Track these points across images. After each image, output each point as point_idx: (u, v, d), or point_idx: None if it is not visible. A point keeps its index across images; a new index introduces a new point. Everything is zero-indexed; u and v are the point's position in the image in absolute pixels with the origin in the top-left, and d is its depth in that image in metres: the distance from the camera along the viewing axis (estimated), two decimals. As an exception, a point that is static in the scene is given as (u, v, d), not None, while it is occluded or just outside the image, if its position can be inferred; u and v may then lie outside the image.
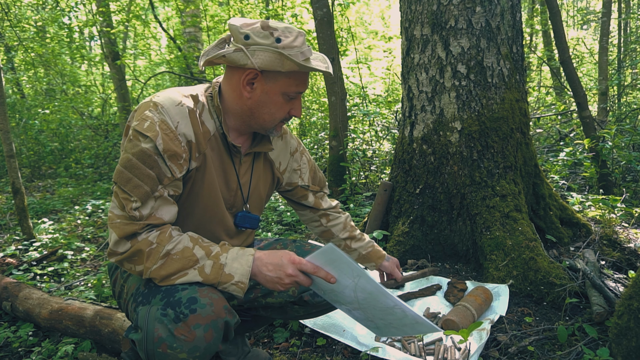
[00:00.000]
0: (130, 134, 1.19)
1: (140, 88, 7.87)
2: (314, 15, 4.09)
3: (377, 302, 1.19)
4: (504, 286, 2.12)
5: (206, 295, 1.13)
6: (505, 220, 2.36)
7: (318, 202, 1.68)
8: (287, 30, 1.20)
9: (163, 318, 1.10)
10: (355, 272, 1.13)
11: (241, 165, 1.39)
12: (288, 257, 1.19)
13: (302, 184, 1.60)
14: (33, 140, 7.40)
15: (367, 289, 1.17)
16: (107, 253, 1.20)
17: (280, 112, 1.30)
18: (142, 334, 1.11)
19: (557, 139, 5.61)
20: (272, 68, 1.19)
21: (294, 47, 1.19)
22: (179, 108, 1.23)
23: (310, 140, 5.85)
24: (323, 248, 1.12)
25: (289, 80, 1.25)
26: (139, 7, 8.55)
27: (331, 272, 1.16)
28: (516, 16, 2.57)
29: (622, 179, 3.95)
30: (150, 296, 1.18)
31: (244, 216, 1.43)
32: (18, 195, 3.33)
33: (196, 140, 1.25)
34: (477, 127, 2.48)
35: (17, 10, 8.81)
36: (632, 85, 7.63)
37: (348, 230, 1.73)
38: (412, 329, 1.25)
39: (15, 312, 2.19)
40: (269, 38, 1.18)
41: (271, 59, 1.19)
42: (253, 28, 1.20)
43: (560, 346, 1.75)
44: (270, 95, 1.26)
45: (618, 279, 2.15)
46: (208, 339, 1.10)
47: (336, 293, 1.23)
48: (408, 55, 2.68)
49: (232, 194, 1.39)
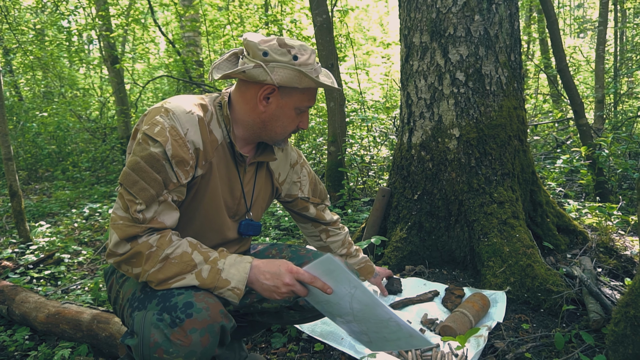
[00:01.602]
0: (140, 137, 1.21)
1: (139, 92, 7.87)
2: (313, 21, 4.11)
3: (372, 315, 1.20)
4: (502, 293, 2.12)
5: (202, 299, 1.13)
6: (503, 227, 2.37)
7: (320, 214, 1.74)
8: (302, 49, 1.26)
9: (159, 323, 1.10)
10: (352, 283, 1.14)
11: (245, 174, 1.42)
12: (286, 267, 1.20)
13: (302, 196, 1.65)
14: (30, 142, 7.38)
15: (363, 301, 1.17)
16: (106, 254, 1.20)
17: (292, 125, 1.36)
18: (138, 340, 1.11)
19: (554, 147, 5.64)
20: (291, 84, 1.25)
21: (309, 64, 1.26)
22: (189, 116, 1.25)
23: (308, 145, 5.86)
24: (321, 258, 1.13)
25: (303, 96, 1.31)
26: (138, 12, 8.56)
27: (328, 283, 1.17)
28: (514, 25, 2.60)
29: (619, 187, 3.98)
30: (146, 301, 1.18)
31: (248, 224, 1.46)
32: (15, 198, 3.32)
33: (204, 149, 1.27)
34: (475, 134, 2.50)
35: (17, 13, 8.81)
36: (628, 94, 7.69)
37: (346, 247, 1.84)
38: (407, 343, 1.25)
39: (11, 315, 2.18)
40: (287, 55, 1.24)
41: (290, 76, 1.24)
42: (271, 45, 1.24)
43: (557, 353, 1.75)
44: (284, 110, 1.32)
45: (614, 286, 2.16)
46: (204, 344, 1.10)
47: (331, 304, 1.24)
48: (407, 62, 2.70)
49: (235, 202, 1.42)
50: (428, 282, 2.35)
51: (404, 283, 2.35)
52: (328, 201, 1.77)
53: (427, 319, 2.01)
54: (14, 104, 8.58)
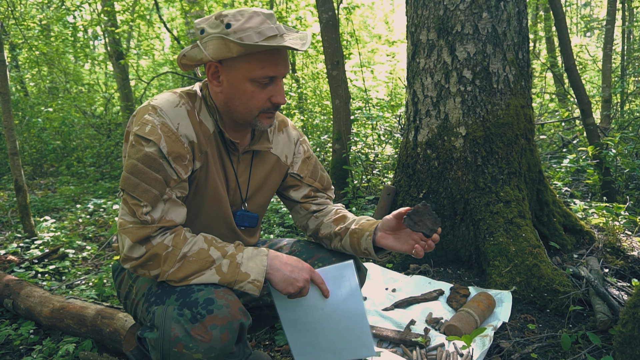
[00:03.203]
0: (132, 139, 1.18)
1: (144, 88, 7.88)
2: (319, 18, 4.09)
3: (345, 323, 1.30)
4: (507, 292, 2.11)
5: (222, 296, 1.13)
6: (509, 226, 2.35)
7: (313, 201, 1.52)
8: (238, 14, 1.15)
9: (180, 318, 1.10)
10: (354, 292, 1.27)
11: (239, 164, 1.38)
12: (305, 264, 1.26)
13: (292, 172, 1.50)
14: (35, 138, 7.41)
15: (351, 309, 1.28)
16: (121, 259, 1.19)
17: (254, 101, 1.22)
18: (158, 333, 1.11)
19: (560, 146, 5.60)
20: (223, 55, 1.15)
21: (247, 28, 1.13)
22: (178, 109, 1.22)
23: (312, 142, 5.85)
24: (341, 264, 1.28)
25: (250, 65, 1.17)
26: (143, 8, 8.57)
27: (329, 287, 1.27)
28: (522, 22, 2.57)
29: (625, 187, 3.95)
30: (164, 296, 1.18)
31: (243, 215, 1.42)
32: (20, 192, 3.33)
33: (198, 140, 1.25)
34: (481, 132, 2.48)
35: (23, 9, 8.83)
36: (635, 93, 7.63)
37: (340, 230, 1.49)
38: (351, 352, 1.35)
39: (16, 309, 2.18)
40: (220, 26, 1.15)
41: (218, 46, 1.14)
42: (208, 21, 1.18)
43: (563, 354, 1.74)
44: (236, 85, 1.20)
45: (622, 287, 2.15)
46: (224, 340, 1.10)
47: (306, 309, 1.30)
48: (414, 59, 2.68)
49: (231, 192, 1.38)
50: (433, 281, 2.34)
51: (408, 282, 2.34)
52: (332, 192, 1.58)
53: (432, 318, 2.00)
54: (19, 99, 8.61)
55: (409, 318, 1.99)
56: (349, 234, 1.41)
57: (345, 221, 1.46)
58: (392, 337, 1.82)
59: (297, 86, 7.86)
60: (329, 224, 1.48)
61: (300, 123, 7.07)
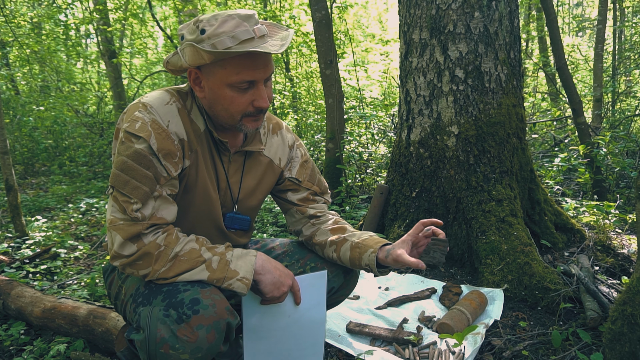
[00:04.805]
0: (122, 136, 1.17)
1: (137, 87, 7.83)
2: (312, 17, 4.09)
3: (304, 331, 1.37)
4: (499, 290, 2.12)
5: (208, 296, 1.13)
6: (501, 224, 2.37)
7: (312, 204, 1.52)
8: (213, 18, 1.13)
9: (165, 319, 1.09)
10: (321, 301, 1.36)
11: (231, 164, 1.36)
12: (290, 271, 1.32)
13: (290, 177, 1.49)
14: (27, 137, 7.34)
15: (315, 317, 1.37)
16: (111, 257, 1.18)
17: (235, 106, 1.20)
18: (144, 335, 1.10)
19: (552, 145, 5.64)
20: (197, 62, 1.14)
21: (221, 33, 1.10)
22: (169, 107, 1.22)
23: (306, 142, 5.85)
24: (316, 273, 1.36)
25: (226, 71, 1.15)
26: (136, 6, 8.52)
27: (302, 295, 1.34)
28: (514, 22, 2.59)
29: (616, 185, 3.99)
30: (150, 297, 1.17)
31: (233, 217, 1.40)
32: (11, 192, 3.31)
33: (188, 138, 1.24)
34: (474, 131, 2.49)
35: (13, 6, 8.75)
36: (626, 92, 7.70)
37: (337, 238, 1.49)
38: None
39: (6, 310, 2.16)
40: (195, 32, 1.14)
41: (191, 53, 1.13)
42: (188, 27, 1.17)
43: (554, 351, 1.75)
44: (215, 90, 1.19)
45: (612, 284, 2.17)
46: (210, 340, 1.10)
47: (272, 317, 1.34)
48: (406, 58, 2.69)
49: (222, 193, 1.37)
50: (425, 280, 2.35)
51: (401, 280, 2.35)
52: (328, 196, 1.59)
53: (424, 317, 2.01)
54: (10, 97, 8.54)
55: (402, 316, 2.00)
56: (350, 247, 1.40)
57: (344, 232, 1.46)
58: (384, 336, 1.82)
59: (291, 85, 7.86)
60: (326, 231, 1.47)
61: (294, 122, 7.06)
